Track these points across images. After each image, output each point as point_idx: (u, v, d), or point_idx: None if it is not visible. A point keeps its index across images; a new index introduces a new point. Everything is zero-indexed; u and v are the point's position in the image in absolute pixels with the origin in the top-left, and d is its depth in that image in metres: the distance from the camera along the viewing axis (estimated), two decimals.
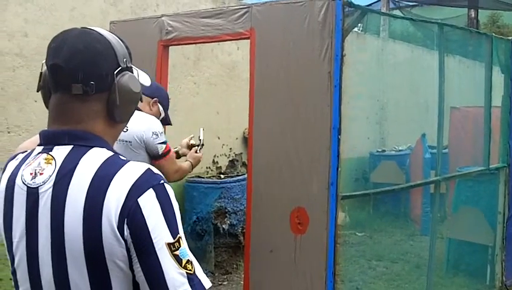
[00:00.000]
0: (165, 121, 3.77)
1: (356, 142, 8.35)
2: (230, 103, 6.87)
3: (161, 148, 3.34)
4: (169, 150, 3.42)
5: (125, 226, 1.28)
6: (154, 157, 3.33)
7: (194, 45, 5.84)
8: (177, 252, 1.30)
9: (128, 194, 1.29)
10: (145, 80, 1.61)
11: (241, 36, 3.82)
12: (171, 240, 1.30)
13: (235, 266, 5.96)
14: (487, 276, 5.54)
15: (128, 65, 1.46)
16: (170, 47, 4.31)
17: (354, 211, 7.60)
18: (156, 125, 3.37)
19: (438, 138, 4.75)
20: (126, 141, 3.22)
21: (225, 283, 5.72)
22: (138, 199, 1.29)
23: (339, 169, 3.36)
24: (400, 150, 9.14)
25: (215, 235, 5.87)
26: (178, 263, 1.29)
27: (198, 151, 3.75)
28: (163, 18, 4.16)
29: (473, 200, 5.72)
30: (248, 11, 3.71)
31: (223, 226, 5.83)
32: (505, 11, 13.74)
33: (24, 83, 4.88)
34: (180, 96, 6.27)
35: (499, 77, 5.71)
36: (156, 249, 1.28)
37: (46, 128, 1.43)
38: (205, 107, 6.65)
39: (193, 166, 3.68)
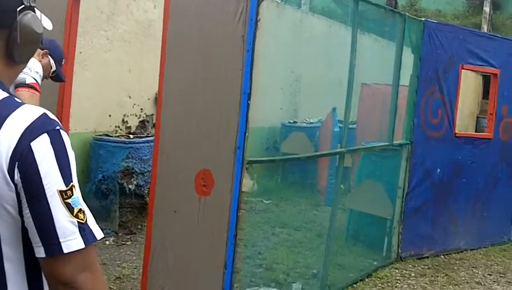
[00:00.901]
0: (57, 77, 3.70)
1: (269, 111, 8.42)
2: (144, 62, 6.71)
3: (29, 80, 3.15)
4: (37, 90, 3.20)
5: (16, 170, 1.23)
6: (18, 85, 3.10)
7: None
8: (69, 201, 1.27)
9: (21, 137, 1.24)
10: (47, 23, 1.56)
11: None
12: (64, 188, 1.27)
13: (139, 226, 5.91)
14: (384, 247, 5.81)
15: (32, 4, 1.41)
16: None
17: (263, 179, 7.71)
18: (32, 62, 3.17)
19: (346, 111, 4.88)
20: None
21: (128, 243, 5.66)
22: (31, 143, 1.25)
23: (247, 134, 3.38)
24: (311, 123, 9.30)
25: (121, 195, 5.77)
26: (69, 211, 1.27)
27: None
28: None
29: (375, 174, 5.93)
30: None
31: (129, 186, 5.75)
32: None
33: None
34: (91, 51, 6.06)
35: (410, 57, 5.91)
36: (47, 195, 1.25)
37: None
38: (117, 64, 6.47)
39: None
